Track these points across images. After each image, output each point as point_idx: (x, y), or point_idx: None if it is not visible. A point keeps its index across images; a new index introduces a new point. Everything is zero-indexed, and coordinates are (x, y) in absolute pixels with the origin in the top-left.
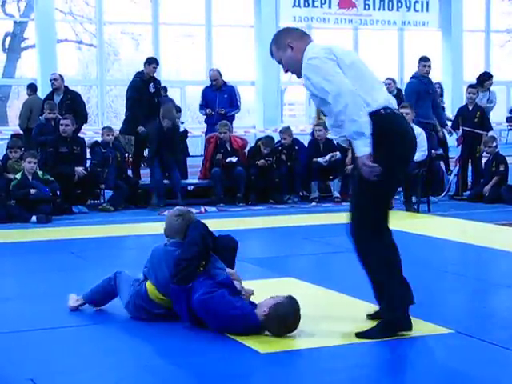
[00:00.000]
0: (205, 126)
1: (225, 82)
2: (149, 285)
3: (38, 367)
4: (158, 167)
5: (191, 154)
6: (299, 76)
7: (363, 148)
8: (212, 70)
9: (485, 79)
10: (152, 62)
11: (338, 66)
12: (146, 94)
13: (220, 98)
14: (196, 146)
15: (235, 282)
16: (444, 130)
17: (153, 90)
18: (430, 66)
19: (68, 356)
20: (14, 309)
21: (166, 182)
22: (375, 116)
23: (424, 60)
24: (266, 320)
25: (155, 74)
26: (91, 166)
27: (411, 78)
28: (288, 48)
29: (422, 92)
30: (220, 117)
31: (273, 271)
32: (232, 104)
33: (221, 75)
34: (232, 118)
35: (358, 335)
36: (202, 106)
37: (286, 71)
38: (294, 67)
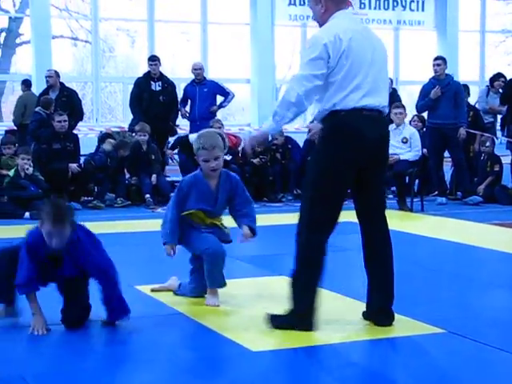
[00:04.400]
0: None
1: (205, 77)
2: None
3: (30, 365)
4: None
5: None
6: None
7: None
8: (197, 63)
9: (494, 80)
10: (149, 59)
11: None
12: (147, 92)
13: (200, 92)
14: None
15: None
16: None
17: (158, 89)
18: (438, 65)
19: (60, 353)
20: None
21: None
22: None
23: (433, 59)
24: None
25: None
26: (85, 163)
27: None
28: (319, 3)
29: (430, 92)
30: (204, 113)
31: (265, 269)
32: (220, 94)
33: (203, 69)
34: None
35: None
36: (182, 103)
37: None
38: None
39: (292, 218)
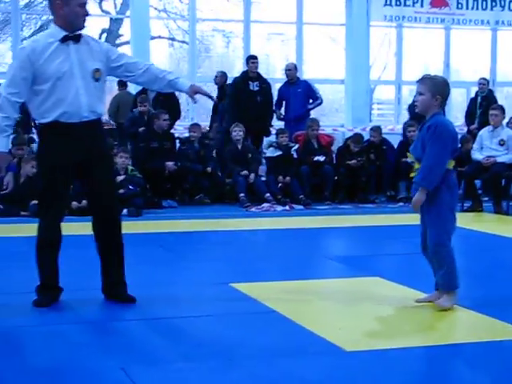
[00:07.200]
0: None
1: (298, 78)
2: None
3: (130, 356)
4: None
5: None
6: None
7: None
8: (288, 64)
9: None
10: (249, 58)
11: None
12: (245, 92)
13: (294, 93)
14: None
15: None
16: None
17: (256, 89)
18: None
19: (161, 346)
20: (101, 300)
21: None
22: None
23: None
24: None
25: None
26: (181, 161)
27: None
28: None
29: None
30: (298, 114)
31: (359, 270)
32: (310, 96)
33: (296, 70)
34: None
35: None
36: (277, 105)
37: None
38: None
39: (385, 220)
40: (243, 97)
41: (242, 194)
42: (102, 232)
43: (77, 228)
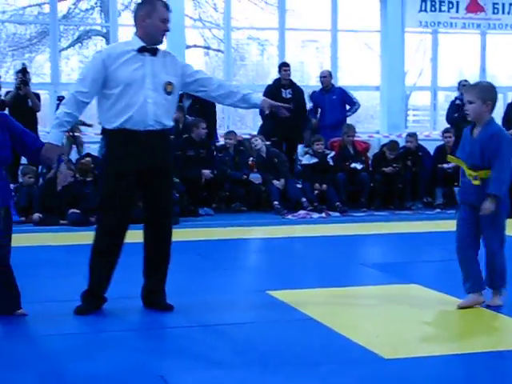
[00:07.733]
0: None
1: (333, 85)
2: None
3: (169, 364)
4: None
5: None
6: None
7: None
8: (323, 71)
9: None
10: (281, 65)
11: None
12: (277, 99)
13: (329, 100)
14: None
15: None
16: None
17: (288, 96)
18: None
19: (198, 353)
20: (139, 307)
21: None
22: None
23: None
24: None
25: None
26: (218, 169)
27: None
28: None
29: None
30: (334, 121)
31: (396, 277)
32: (346, 102)
33: (331, 77)
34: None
35: None
36: (311, 111)
37: None
38: None
39: (422, 226)
40: None
41: (276, 202)
42: (153, 243)
43: None
